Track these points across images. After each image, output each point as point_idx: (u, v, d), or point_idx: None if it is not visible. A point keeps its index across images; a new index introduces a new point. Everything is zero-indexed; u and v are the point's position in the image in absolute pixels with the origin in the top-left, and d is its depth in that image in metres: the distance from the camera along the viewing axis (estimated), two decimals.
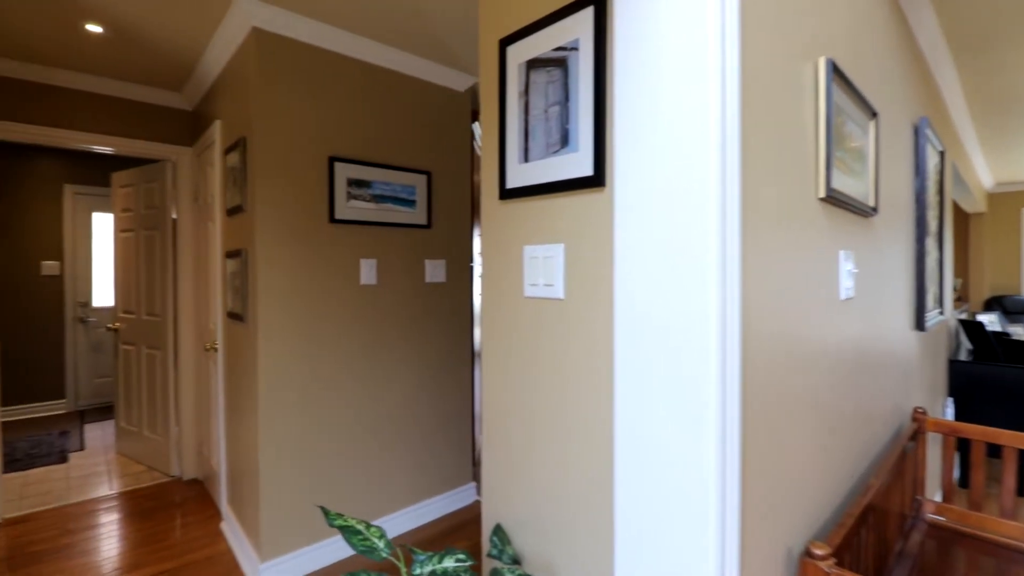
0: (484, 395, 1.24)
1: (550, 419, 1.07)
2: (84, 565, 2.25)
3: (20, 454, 3.64)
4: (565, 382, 1.04)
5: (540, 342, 1.09)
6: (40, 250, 4.68)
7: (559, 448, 1.05)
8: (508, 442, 1.18)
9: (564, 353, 1.04)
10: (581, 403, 1.01)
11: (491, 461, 1.22)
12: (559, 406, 1.05)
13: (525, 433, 1.13)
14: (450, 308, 2.77)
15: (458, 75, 2.77)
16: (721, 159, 0.72)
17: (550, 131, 1.08)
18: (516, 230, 1.15)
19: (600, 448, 0.97)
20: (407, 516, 2.55)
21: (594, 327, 0.98)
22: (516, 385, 1.15)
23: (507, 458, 1.18)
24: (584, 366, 1.00)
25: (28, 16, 2.18)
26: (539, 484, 1.10)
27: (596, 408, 0.98)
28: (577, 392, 1.01)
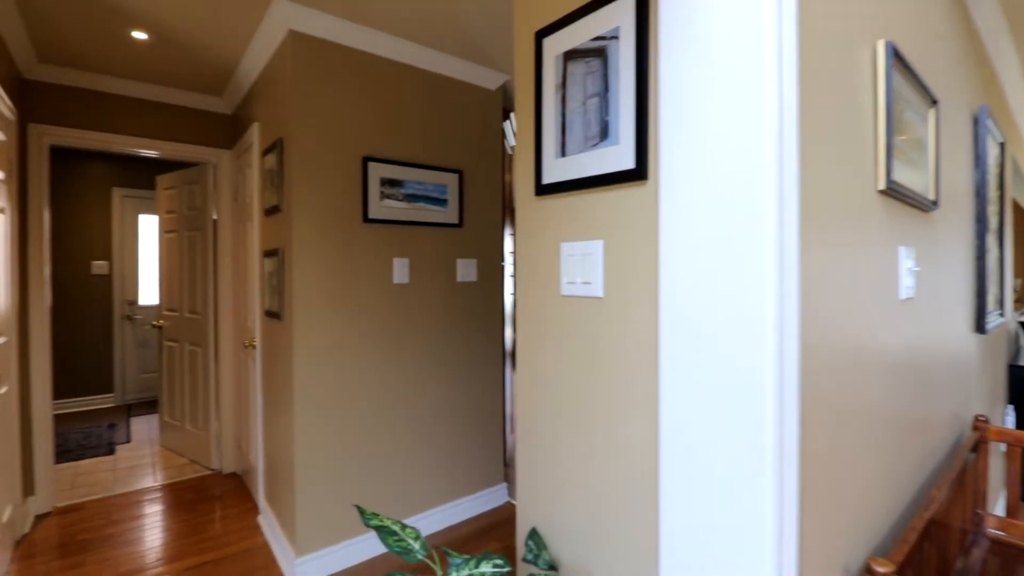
0: (518, 396, 1.21)
1: (588, 422, 1.04)
2: (128, 555, 2.33)
3: (72, 445, 3.82)
4: (604, 384, 1.00)
5: (578, 342, 1.06)
6: (91, 250, 4.90)
7: (597, 453, 1.02)
8: (543, 444, 1.15)
9: (603, 354, 1.00)
10: (621, 407, 0.97)
11: (526, 463, 1.20)
12: (598, 409, 1.01)
13: (561, 436, 1.10)
14: (481, 307, 2.76)
15: (489, 73, 2.75)
16: (778, 149, 0.68)
17: (588, 124, 1.04)
18: (552, 227, 1.12)
19: (642, 456, 0.93)
20: (438, 516, 2.55)
21: (635, 327, 0.94)
22: (552, 386, 1.12)
23: (542, 461, 1.15)
24: (624, 368, 0.96)
25: (79, 25, 2.27)
26: (576, 489, 1.06)
27: (638, 413, 0.94)
28: (617, 395, 0.98)
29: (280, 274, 2.27)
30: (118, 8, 2.13)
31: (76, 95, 2.81)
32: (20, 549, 2.36)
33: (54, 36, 2.37)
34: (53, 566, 2.22)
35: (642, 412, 0.93)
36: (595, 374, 1.02)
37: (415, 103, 2.49)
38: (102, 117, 2.89)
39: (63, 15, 2.19)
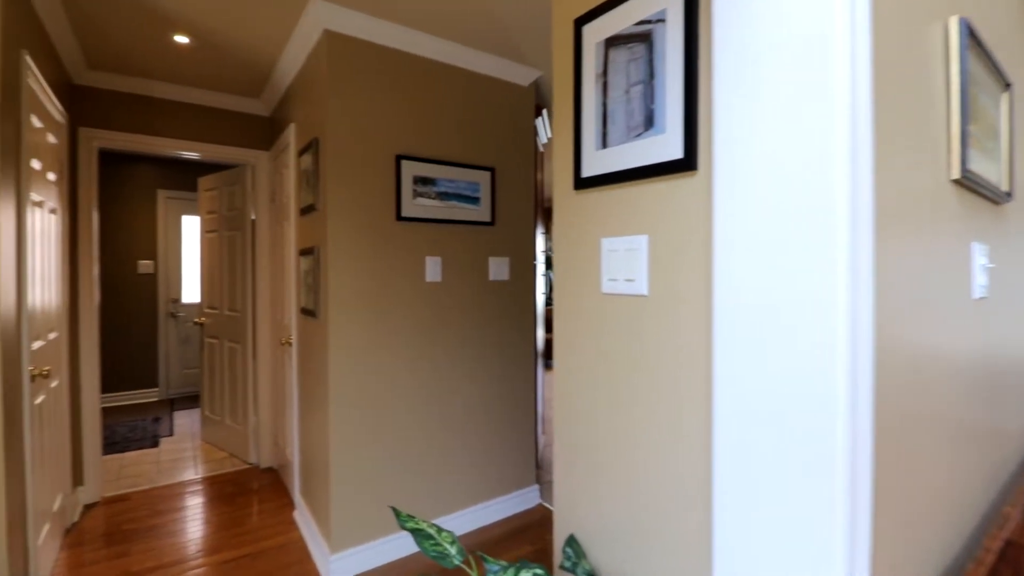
0: (556, 397, 1.17)
1: (630, 426, 0.99)
2: (171, 545, 2.39)
3: (119, 437, 3.97)
4: (648, 385, 0.95)
5: (619, 342, 1.01)
6: (137, 250, 5.10)
7: (641, 458, 0.97)
8: (582, 447, 1.10)
9: (647, 355, 0.95)
10: (668, 411, 0.91)
11: (564, 467, 1.15)
12: (641, 410, 0.96)
13: (601, 439, 1.05)
14: (514, 306, 2.73)
15: (522, 69, 2.72)
16: (851, 134, 0.62)
17: (632, 113, 0.99)
18: (593, 222, 1.07)
19: (690, 457, 0.87)
20: (470, 516, 2.53)
21: (684, 326, 0.88)
22: (591, 387, 1.07)
23: (581, 464, 1.10)
24: (671, 370, 0.91)
25: (124, 30, 2.34)
26: (618, 495, 1.01)
27: (687, 417, 0.88)
28: (662, 396, 0.92)
29: (315, 272, 2.29)
30: (160, 13, 2.19)
31: (122, 99, 2.91)
32: (69, 537, 2.46)
33: (101, 42, 2.45)
34: (100, 554, 2.30)
35: (691, 413, 0.87)
36: (638, 375, 0.97)
37: (447, 100, 2.48)
38: (146, 120, 2.98)
39: (109, 21, 2.26)
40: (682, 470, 0.89)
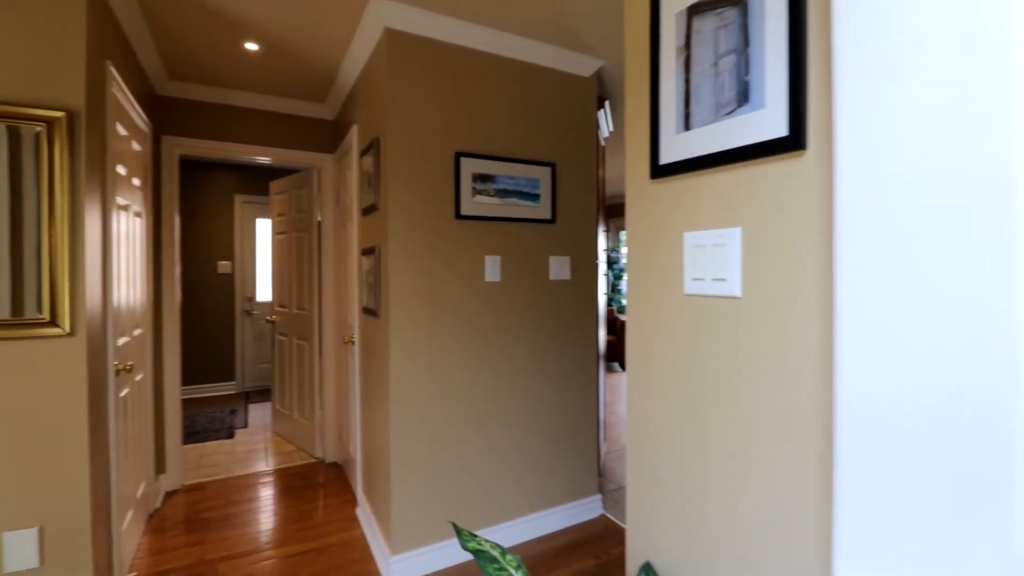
0: (629, 408, 1.06)
1: (722, 449, 0.86)
2: (242, 536, 2.48)
3: (199, 428, 4.22)
4: (743, 401, 0.82)
5: (706, 350, 0.88)
6: (217, 251, 5.42)
7: (734, 477, 0.84)
8: (660, 467, 0.98)
9: (741, 365, 0.82)
10: (766, 431, 0.78)
11: (638, 488, 1.04)
12: (737, 435, 0.84)
13: (685, 461, 0.93)
14: (575, 307, 2.62)
15: (583, 59, 2.60)
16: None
17: (722, 88, 0.87)
18: (673, 213, 0.95)
19: (801, 483, 0.74)
20: (528, 525, 2.44)
21: (790, 334, 0.75)
22: (672, 402, 0.95)
23: (659, 487, 0.99)
24: (773, 385, 0.77)
25: (200, 39, 2.44)
26: (708, 526, 0.89)
27: (792, 442, 0.75)
28: (759, 416, 0.79)
29: (376, 272, 2.29)
30: (232, 20, 2.26)
31: (200, 108, 3.06)
32: (152, 523, 2.60)
33: (180, 53, 2.58)
34: (178, 541, 2.42)
35: (799, 444, 0.74)
36: (729, 388, 0.84)
37: (506, 95, 2.41)
38: (222, 127, 3.12)
39: (186, 31, 2.36)
40: (789, 519, 0.76)
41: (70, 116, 1.56)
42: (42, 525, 1.54)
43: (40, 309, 1.53)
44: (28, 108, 1.49)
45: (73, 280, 1.59)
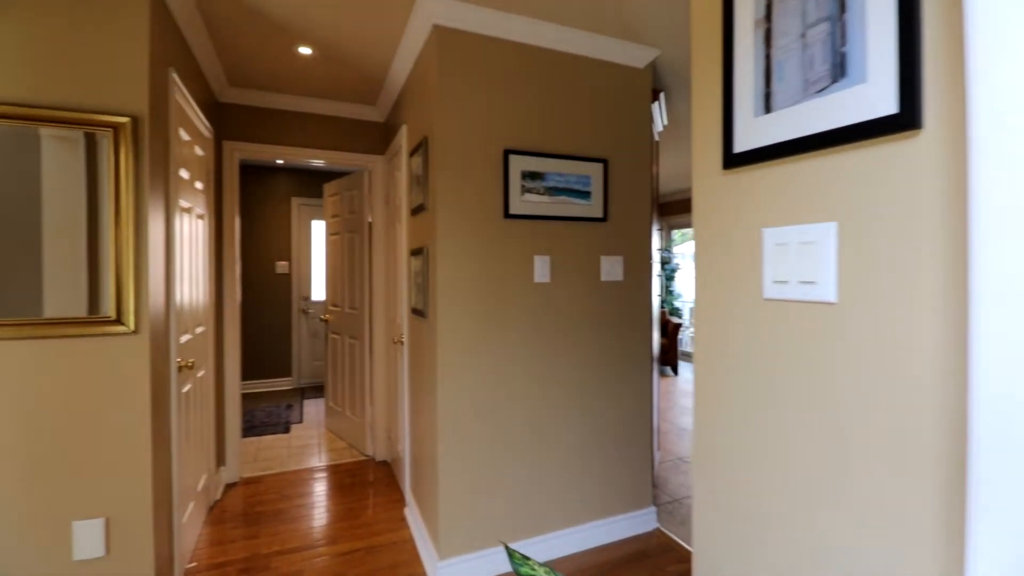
0: (696, 427, 0.96)
1: (804, 472, 0.75)
2: (294, 531, 2.52)
3: (257, 422, 4.38)
4: (840, 422, 0.71)
5: (791, 363, 0.77)
6: (274, 252, 5.64)
7: (827, 520, 0.72)
8: (732, 495, 0.88)
9: (835, 381, 0.71)
10: (869, 454, 0.67)
11: (706, 516, 0.94)
12: (826, 456, 0.72)
13: (760, 485, 0.82)
14: (627, 309, 2.50)
15: (637, 49, 2.48)
16: None
17: (811, 62, 0.75)
18: (750, 208, 0.85)
19: (910, 532, 0.62)
20: (578, 535, 2.35)
21: (896, 343, 0.64)
22: (747, 418, 0.85)
23: (732, 522, 0.88)
24: (878, 402, 0.66)
25: (256, 45, 2.50)
26: (786, 556, 0.78)
27: (903, 465, 0.63)
28: (860, 437, 0.68)
29: (425, 272, 2.27)
30: (286, 25, 2.30)
31: (258, 113, 3.16)
32: (212, 514, 2.70)
33: (239, 59, 2.66)
34: (235, 533, 2.49)
35: (914, 458, 0.62)
36: (820, 406, 0.73)
37: (556, 89, 2.32)
38: (278, 132, 3.21)
39: (244, 37, 2.43)
40: (899, 538, 0.64)
41: (135, 122, 1.62)
42: (108, 516, 1.60)
43: (107, 308, 1.59)
44: (96, 114, 1.56)
45: (137, 280, 1.64)
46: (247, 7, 2.15)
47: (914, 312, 0.62)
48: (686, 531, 2.51)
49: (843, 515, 0.70)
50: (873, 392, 0.66)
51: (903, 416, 0.63)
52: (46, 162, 1.52)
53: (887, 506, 0.65)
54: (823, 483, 0.72)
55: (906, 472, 0.63)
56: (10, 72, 1.49)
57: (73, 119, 1.52)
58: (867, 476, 0.67)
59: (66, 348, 1.56)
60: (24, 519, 1.52)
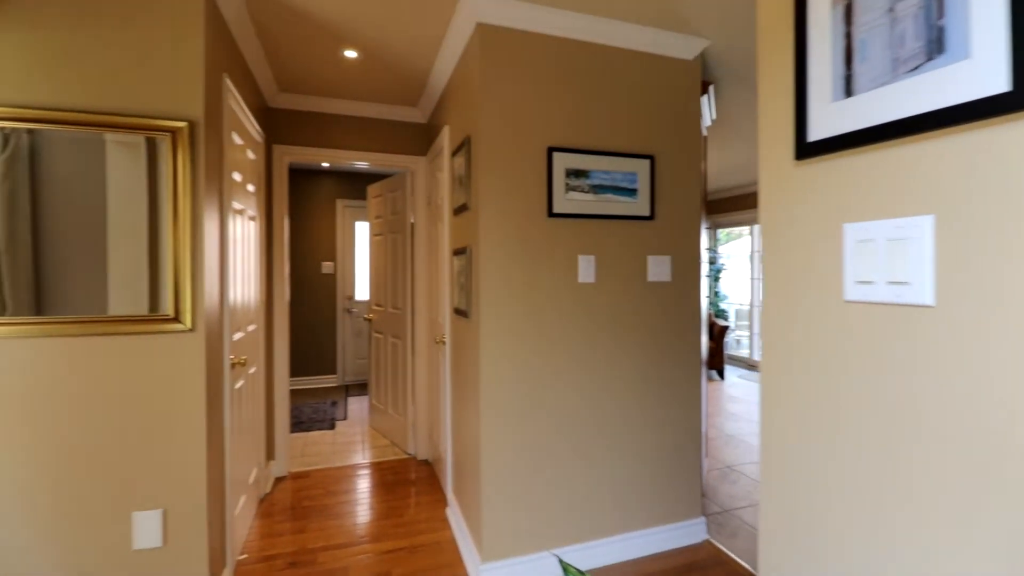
0: (763, 442, 0.89)
1: (892, 500, 0.67)
2: (339, 527, 2.56)
3: (304, 418, 4.50)
4: (933, 440, 0.63)
5: (875, 373, 0.70)
6: (321, 253, 5.80)
7: (918, 549, 0.65)
8: (806, 521, 0.81)
9: (930, 394, 0.63)
10: (980, 492, 0.59)
11: (773, 542, 0.87)
12: (921, 486, 0.65)
13: (837, 514, 0.75)
14: (675, 311, 2.41)
15: (686, 40, 2.38)
16: None
17: (901, 39, 0.68)
18: (827, 200, 0.77)
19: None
20: (624, 544, 2.28)
21: (1009, 356, 0.56)
22: (822, 433, 0.78)
23: (803, 544, 0.81)
24: (982, 423, 0.58)
25: (304, 49, 2.56)
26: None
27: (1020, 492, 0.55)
28: (957, 465, 0.60)
29: (467, 272, 2.26)
30: (333, 28, 2.33)
31: (305, 118, 3.24)
32: (262, 507, 2.78)
33: (288, 64, 2.73)
34: (284, 527, 2.55)
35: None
36: (914, 421, 0.66)
37: (601, 84, 2.26)
38: (324, 135, 3.28)
39: (292, 42, 2.48)
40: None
41: (191, 126, 1.67)
42: (164, 507, 1.66)
43: (166, 306, 1.65)
44: (156, 119, 1.62)
45: (194, 279, 1.70)
46: (296, 11, 2.19)
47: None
48: (738, 544, 2.40)
49: (943, 541, 0.62)
50: (975, 405, 0.58)
51: (1017, 433, 0.55)
52: (111, 167, 1.59)
53: (1000, 534, 0.57)
54: (918, 509, 0.65)
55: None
56: (78, 81, 1.57)
57: (135, 124, 1.59)
58: (978, 505, 0.59)
59: (128, 345, 1.63)
60: (88, 508, 1.59)
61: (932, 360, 0.63)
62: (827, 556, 0.77)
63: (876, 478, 0.70)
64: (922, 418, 0.64)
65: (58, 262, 1.55)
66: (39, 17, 1.54)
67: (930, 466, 0.63)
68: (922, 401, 0.64)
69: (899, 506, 0.67)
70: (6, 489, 1.53)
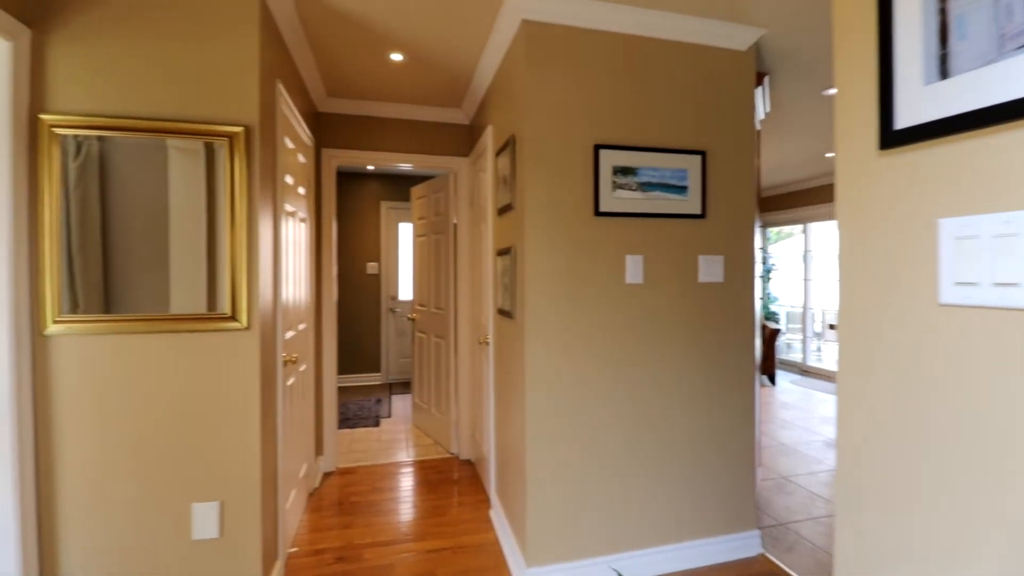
0: (840, 461, 0.82)
1: (999, 538, 0.60)
2: (385, 524, 2.59)
3: (350, 414, 4.61)
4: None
5: (976, 386, 0.63)
6: (366, 253, 5.93)
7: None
8: (889, 559, 0.74)
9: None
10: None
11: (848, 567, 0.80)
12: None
13: (926, 553, 0.68)
14: (728, 313, 2.31)
15: (740, 29, 2.28)
16: None
17: (1010, 12, 0.61)
18: (918, 194, 0.70)
19: None
20: (672, 554, 2.20)
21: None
22: (911, 456, 0.71)
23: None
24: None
25: (352, 53, 2.61)
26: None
27: None
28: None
29: (512, 273, 2.24)
30: (379, 32, 2.37)
31: (352, 121, 3.31)
32: (311, 501, 2.85)
33: (336, 69, 2.79)
34: (332, 522, 2.61)
35: None
36: (1019, 443, 0.58)
37: (649, 78, 2.20)
38: (370, 138, 3.34)
39: (340, 47, 2.54)
40: None
41: (247, 131, 1.72)
42: (221, 499, 1.72)
43: (223, 305, 1.71)
44: (215, 125, 1.67)
45: (250, 279, 1.75)
46: (344, 16, 2.23)
47: None
48: (795, 560, 2.28)
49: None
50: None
51: None
52: (172, 172, 1.66)
53: None
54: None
55: None
56: (143, 89, 1.64)
57: (195, 130, 1.65)
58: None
59: (188, 342, 1.69)
60: (152, 498, 1.67)
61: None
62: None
63: (966, 501, 0.62)
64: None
65: (124, 263, 1.63)
66: (108, 31, 1.62)
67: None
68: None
69: (997, 528, 0.60)
70: (77, 478, 1.62)
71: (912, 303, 0.70)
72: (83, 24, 1.61)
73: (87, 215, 1.60)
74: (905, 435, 0.71)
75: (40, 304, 1.57)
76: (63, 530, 1.61)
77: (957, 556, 0.64)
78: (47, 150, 1.55)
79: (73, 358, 1.61)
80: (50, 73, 1.58)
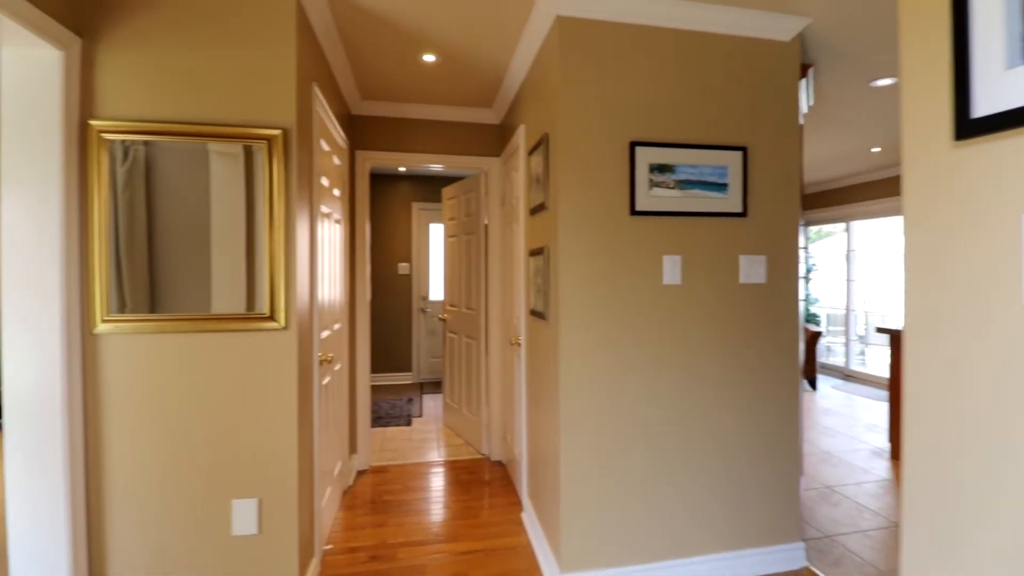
0: (906, 486, 0.76)
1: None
2: (417, 524, 2.60)
3: (382, 413, 4.66)
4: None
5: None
6: (397, 254, 6.00)
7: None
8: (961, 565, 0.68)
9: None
10: None
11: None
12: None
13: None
14: (770, 315, 2.22)
15: (783, 19, 2.19)
16: None
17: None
18: (1000, 188, 0.64)
19: None
20: (711, 565, 2.12)
21: None
22: (994, 481, 0.64)
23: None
24: None
25: (384, 55, 2.62)
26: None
27: None
28: None
29: (545, 273, 2.21)
30: (412, 34, 2.37)
31: (385, 123, 3.34)
32: (345, 499, 2.89)
33: (369, 72, 2.82)
34: (365, 520, 2.63)
35: None
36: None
37: (687, 72, 2.13)
38: (402, 139, 3.37)
39: (373, 49, 2.56)
40: None
41: (285, 134, 1.75)
42: (260, 496, 1.75)
43: (262, 305, 1.74)
44: (254, 128, 1.71)
45: (287, 280, 1.78)
46: (378, 19, 2.25)
47: None
48: (841, 574, 2.17)
49: None
50: None
51: None
52: (213, 175, 1.69)
53: None
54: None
55: None
56: (186, 94, 1.69)
57: (235, 133, 1.69)
58: None
59: (228, 342, 1.73)
60: (193, 494, 1.71)
61: None
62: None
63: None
64: None
65: (168, 264, 1.68)
66: (153, 38, 1.67)
67: None
68: None
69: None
70: (123, 473, 1.67)
71: (992, 309, 0.64)
72: (129, 33, 1.66)
73: (134, 218, 1.66)
74: (987, 464, 0.65)
75: (90, 304, 1.63)
76: (109, 523, 1.66)
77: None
78: (96, 155, 1.61)
79: (120, 356, 1.67)
80: (98, 80, 1.64)
